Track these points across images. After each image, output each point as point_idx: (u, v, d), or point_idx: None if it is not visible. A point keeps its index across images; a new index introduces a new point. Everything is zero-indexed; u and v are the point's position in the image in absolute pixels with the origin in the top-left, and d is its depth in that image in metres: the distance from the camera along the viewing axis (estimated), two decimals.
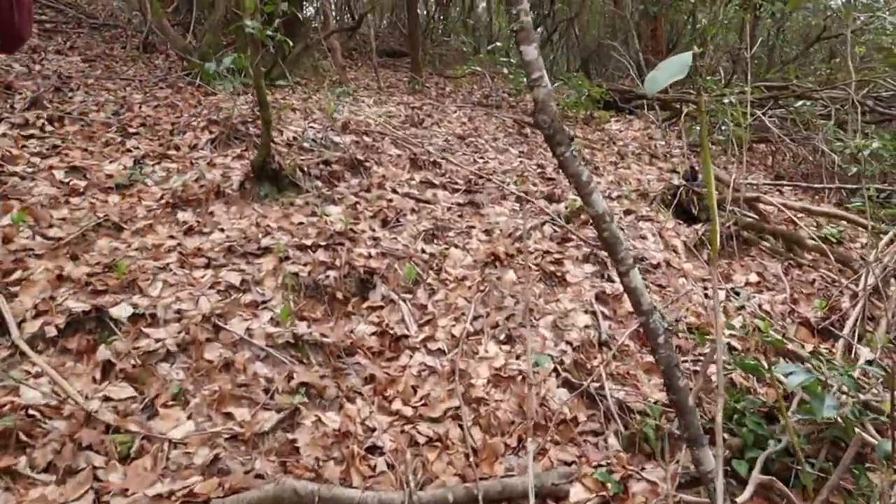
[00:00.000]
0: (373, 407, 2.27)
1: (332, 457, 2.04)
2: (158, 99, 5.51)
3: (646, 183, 4.78)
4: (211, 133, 4.50)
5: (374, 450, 2.12)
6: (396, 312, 2.82)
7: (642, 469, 2.06)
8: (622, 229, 3.82)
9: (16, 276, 2.57)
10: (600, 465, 2.07)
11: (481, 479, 1.96)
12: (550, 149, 1.46)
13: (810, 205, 4.81)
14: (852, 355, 2.77)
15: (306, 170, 4.01)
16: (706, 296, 3.17)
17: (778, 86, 6.55)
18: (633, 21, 12.13)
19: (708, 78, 6.85)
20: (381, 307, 2.86)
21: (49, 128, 4.39)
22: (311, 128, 4.98)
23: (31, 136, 4.18)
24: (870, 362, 2.39)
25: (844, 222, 4.00)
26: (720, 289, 3.24)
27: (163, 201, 3.47)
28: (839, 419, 1.94)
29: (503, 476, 2.02)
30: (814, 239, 3.52)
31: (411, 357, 2.52)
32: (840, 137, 5.44)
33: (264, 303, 2.67)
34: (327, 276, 2.91)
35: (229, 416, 2.12)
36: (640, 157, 5.86)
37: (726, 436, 2.06)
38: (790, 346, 2.68)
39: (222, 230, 3.23)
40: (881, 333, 2.83)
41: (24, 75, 5.90)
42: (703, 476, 1.57)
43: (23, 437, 1.90)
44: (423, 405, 2.31)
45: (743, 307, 3.04)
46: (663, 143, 6.90)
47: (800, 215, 3.85)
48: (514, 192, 4.32)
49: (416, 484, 1.96)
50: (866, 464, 1.94)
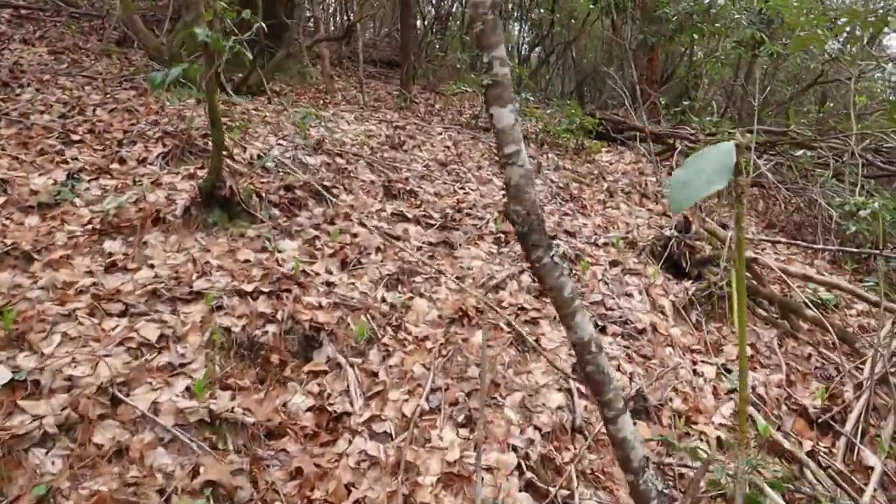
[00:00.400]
0: None
1: None
2: (118, 101, 5.09)
3: (635, 228, 4.44)
4: (164, 146, 4.09)
5: None
6: (342, 380, 2.43)
7: None
8: (606, 283, 3.47)
9: None
10: None
11: None
12: (524, 250, 1.10)
13: (805, 263, 4.50)
14: (855, 457, 2.43)
15: (264, 195, 3.61)
16: (695, 371, 2.81)
17: (777, 131, 6.28)
18: (631, 49, 11.92)
19: (708, 119, 6.56)
20: (325, 372, 2.47)
21: None
22: (280, 145, 4.59)
23: None
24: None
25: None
26: (708, 363, 2.89)
27: (90, 226, 3.06)
28: None
29: None
30: (812, 309, 3.19)
31: (351, 442, 2.13)
32: (837, 190, 5.15)
33: (183, 366, 2.26)
34: (265, 332, 2.51)
35: None
36: (630, 196, 5.53)
37: None
38: (786, 443, 2.33)
39: (152, 266, 2.82)
40: (888, 433, 2.49)
41: None
42: None
43: None
44: None
45: (735, 390, 2.68)
46: (654, 179, 6.60)
47: (800, 283, 3.52)
48: (492, 233, 3.95)
49: None
50: None
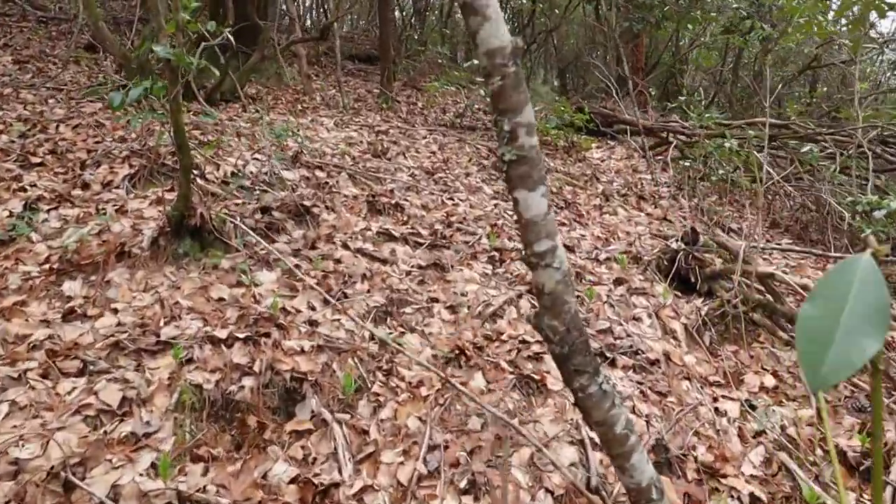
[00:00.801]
0: None
1: None
2: (83, 115, 4.77)
3: (637, 239, 4.21)
4: (131, 167, 3.79)
5: None
6: (328, 440, 2.18)
7: None
8: (612, 306, 3.24)
9: None
10: None
11: None
12: (562, 375, 0.86)
13: (816, 268, 4.30)
14: None
15: (239, 220, 3.33)
16: (717, 410, 2.59)
17: (778, 123, 6.06)
18: (615, 37, 11.65)
19: (695, 109, 6.32)
20: (310, 431, 2.21)
21: None
22: (256, 159, 4.30)
23: None
24: None
25: None
26: (730, 399, 2.68)
27: (47, 266, 2.77)
28: None
29: None
30: None
31: None
32: (845, 186, 4.96)
33: (148, 436, 2.00)
34: (241, 387, 2.25)
35: None
36: (627, 199, 5.30)
37: None
38: (829, 501, 2.11)
39: (115, 311, 2.54)
40: None
41: None
42: None
43: None
44: None
45: (764, 431, 2.47)
46: (650, 178, 6.38)
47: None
48: (486, 250, 3.70)
49: None
50: None
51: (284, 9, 9.09)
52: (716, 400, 2.66)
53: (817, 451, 2.38)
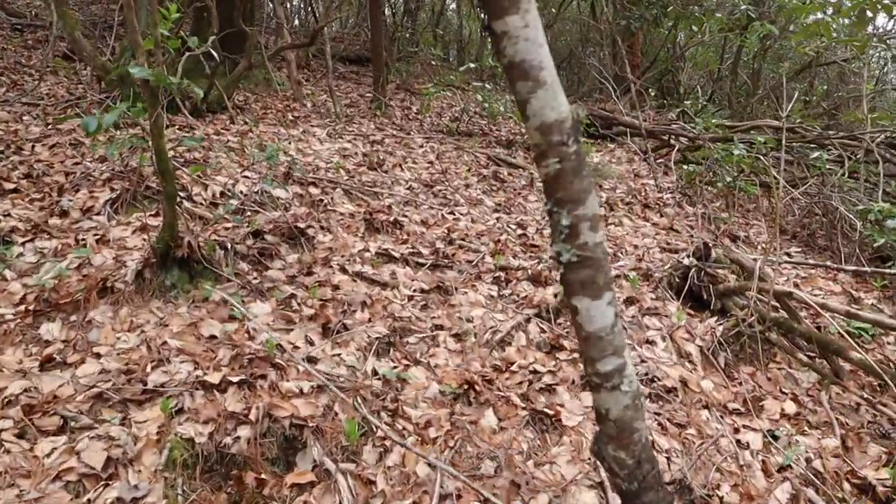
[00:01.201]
0: None
1: None
2: (62, 132, 4.57)
3: (645, 252, 4.06)
4: (112, 190, 3.60)
5: None
6: (332, 494, 2.02)
7: None
8: (625, 328, 3.09)
9: None
10: None
11: None
12: None
13: (826, 279, 4.17)
14: None
15: (230, 247, 3.16)
16: (739, 441, 2.45)
17: (783, 127, 5.92)
18: (612, 34, 11.50)
19: (712, 121, 6.17)
20: (313, 484, 2.05)
21: None
22: (246, 177, 4.12)
23: None
24: None
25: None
26: (752, 429, 2.53)
27: (22, 307, 2.59)
28: None
29: None
30: (859, 352, 2.84)
31: None
32: (854, 192, 4.83)
33: (137, 500, 1.84)
34: (237, 439, 2.09)
35: None
36: (632, 208, 5.16)
37: None
38: None
39: (98, 356, 2.37)
40: None
41: None
42: None
43: None
44: None
45: (790, 465, 2.33)
46: (653, 182, 6.24)
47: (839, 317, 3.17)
48: (490, 270, 3.55)
49: None
50: None
51: (272, 12, 8.89)
52: (737, 431, 2.52)
53: (845, 486, 2.24)
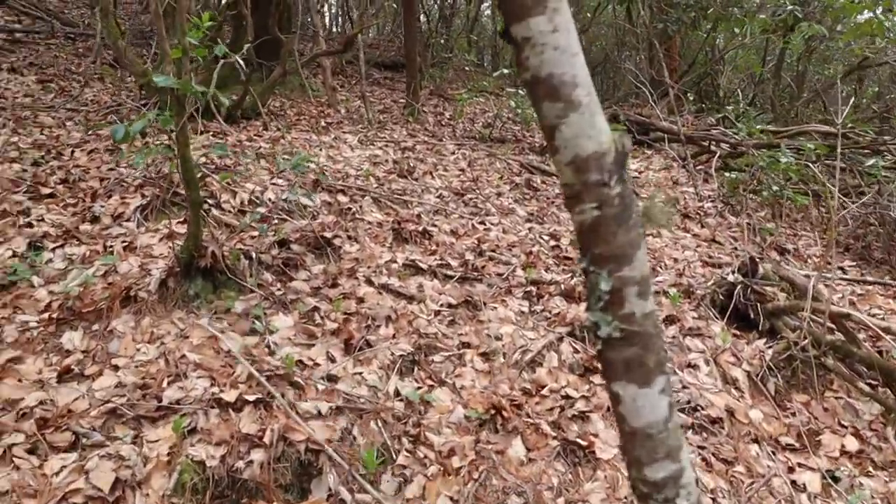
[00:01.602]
0: None
1: None
2: (101, 138, 4.61)
3: (686, 266, 3.85)
4: (143, 196, 3.59)
5: None
6: None
7: None
8: (664, 351, 2.90)
9: None
10: None
11: None
12: None
13: (886, 296, 3.88)
14: None
15: (254, 256, 3.09)
16: (794, 482, 2.24)
17: (833, 132, 5.61)
18: (646, 38, 11.20)
19: (757, 127, 5.88)
20: None
21: None
22: (275, 184, 4.07)
23: None
24: None
25: None
26: (808, 468, 2.32)
27: (47, 314, 2.56)
28: None
29: None
30: None
31: None
32: None
33: None
34: (249, 463, 1.99)
35: None
36: (671, 218, 4.94)
37: None
38: None
39: (116, 368, 2.32)
40: None
41: None
42: None
43: None
44: None
45: None
46: (692, 190, 5.99)
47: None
48: (521, 284, 3.40)
49: None
50: None
51: (309, 19, 8.92)
52: (791, 469, 2.32)
53: None
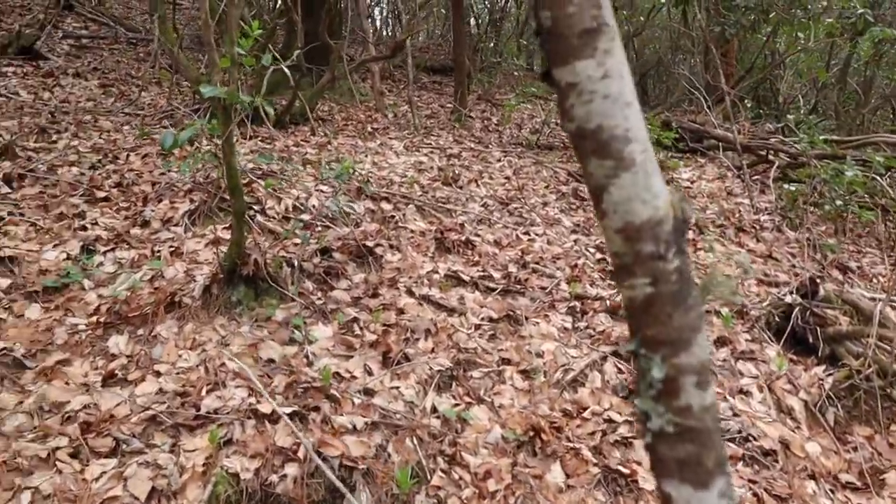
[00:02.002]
0: None
1: None
2: (154, 142, 4.74)
3: (738, 282, 3.67)
4: (192, 202, 3.66)
5: None
6: None
7: None
8: (714, 374, 2.76)
9: None
10: None
11: None
12: None
13: None
14: None
15: (296, 264, 3.11)
16: None
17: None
18: (702, 41, 10.84)
19: (820, 137, 5.59)
20: None
21: (5, 190, 3.64)
22: (320, 191, 4.10)
23: None
24: None
25: None
26: None
27: (95, 318, 2.63)
28: None
29: None
30: None
31: None
32: None
33: None
34: (283, 477, 1.98)
35: None
36: (724, 231, 4.73)
37: None
38: None
39: (158, 374, 2.35)
40: None
41: (16, 110, 5.26)
42: None
43: None
44: None
45: None
46: (748, 201, 5.74)
47: None
48: (565, 298, 3.31)
49: None
50: None
51: (359, 25, 9.01)
52: None
53: None
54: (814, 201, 5.08)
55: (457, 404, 2.45)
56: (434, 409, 2.41)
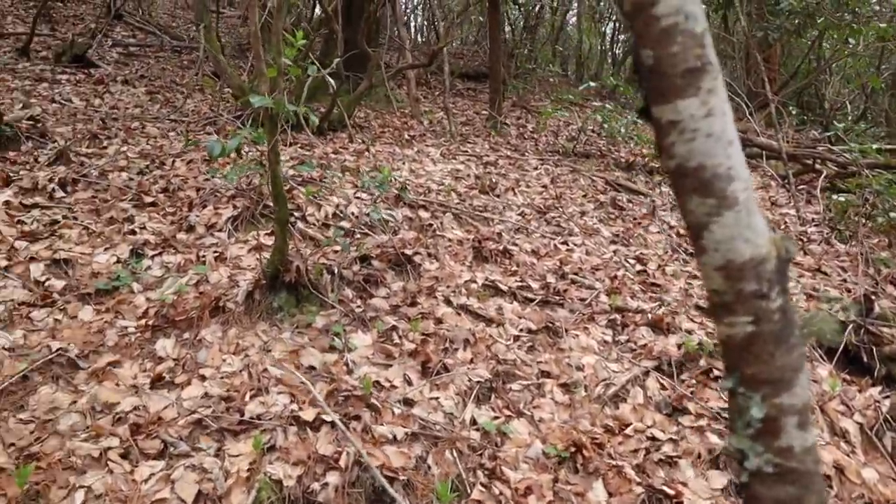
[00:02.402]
0: None
1: None
2: (199, 149, 4.85)
3: None
4: (235, 208, 3.73)
5: None
6: None
7: None
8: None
9: None
10: None
11: None
12: None
13: None
14: None
15: (336, 271, 3.14)
16: None
17: None
18: (744, 46, 10.60)
19: (873, 146, 5.40)
20: None
21: (60, 194, 3.77)
22: (359, 198, 4.13)
23: (34, 206, 3.56)
24: None
25: None
26: None
27: (143, 321, 2.69)
28: None
29: None
30: None
31: None
32: None
33: None
34: (325, 486, 1.99)
35: None
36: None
37: None
38: None
39: (203, 378, 2.39)
40: None
41: (70, 116, 5.45)
42: None
43: None
44: None
45: None
46: (794, 212, 5.58)
47: None
48: (605, 311, 3.26)
49: None
50: None
51: (396, 33, 9.10)
52: None
53: None
54: (866, 213, 4.91)
55: (496, 417, 2.43)
56: (473, 422, 2.39)
